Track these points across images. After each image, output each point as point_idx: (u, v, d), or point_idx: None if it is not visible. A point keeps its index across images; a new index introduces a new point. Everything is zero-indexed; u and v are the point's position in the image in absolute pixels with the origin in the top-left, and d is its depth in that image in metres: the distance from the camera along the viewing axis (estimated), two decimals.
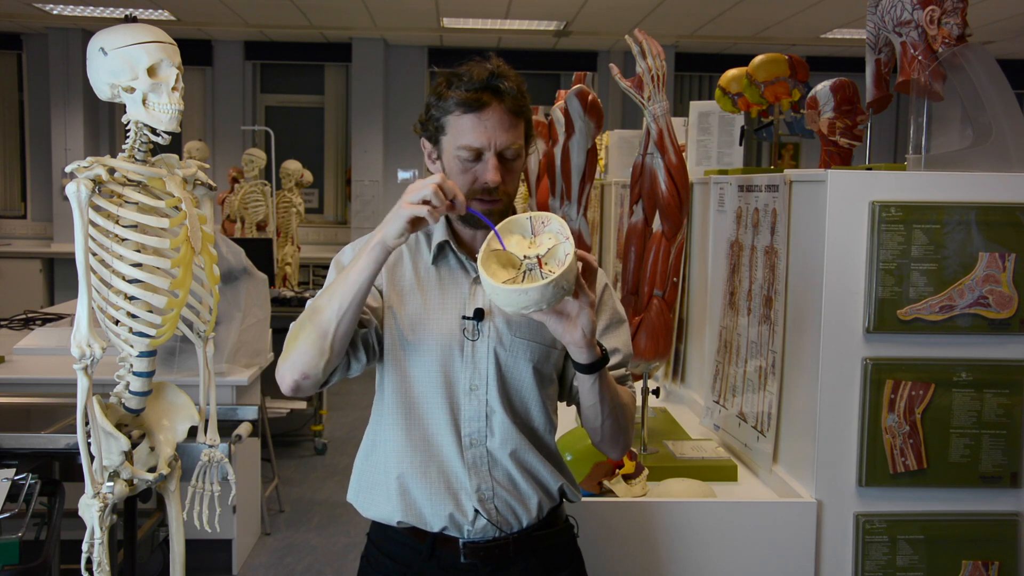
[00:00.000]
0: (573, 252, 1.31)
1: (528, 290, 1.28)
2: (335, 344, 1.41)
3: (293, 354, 1.43)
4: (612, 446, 1.57)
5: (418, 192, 1.34)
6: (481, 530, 1.52)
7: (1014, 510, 2.04)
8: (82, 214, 1.95)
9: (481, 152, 1.46)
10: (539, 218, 1.38)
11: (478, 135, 1.46)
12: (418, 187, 1.34)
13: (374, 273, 1.39)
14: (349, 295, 1.39)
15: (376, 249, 1.37)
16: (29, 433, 2.49)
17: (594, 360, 1.42)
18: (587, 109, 2.68)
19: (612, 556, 2.05)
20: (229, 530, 3.65)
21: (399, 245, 1.38)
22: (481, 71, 1.47)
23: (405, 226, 1.35)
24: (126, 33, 2.02)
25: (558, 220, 1.37)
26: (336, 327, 1.40)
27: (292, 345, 1.43)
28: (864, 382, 1.99)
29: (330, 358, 1.42)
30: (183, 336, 2.27)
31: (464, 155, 1.47)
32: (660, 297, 2.32)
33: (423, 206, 1.33)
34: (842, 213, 1.97)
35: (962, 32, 1.99)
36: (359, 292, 1.39)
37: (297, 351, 1.42)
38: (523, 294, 1.28)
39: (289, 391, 1.46)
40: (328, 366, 1.43)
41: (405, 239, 1.37)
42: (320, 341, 1.40)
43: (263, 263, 5.19)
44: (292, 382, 1.44)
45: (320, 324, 1.40)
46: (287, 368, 1.44)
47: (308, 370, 1.42)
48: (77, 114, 8.61)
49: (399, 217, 1.35)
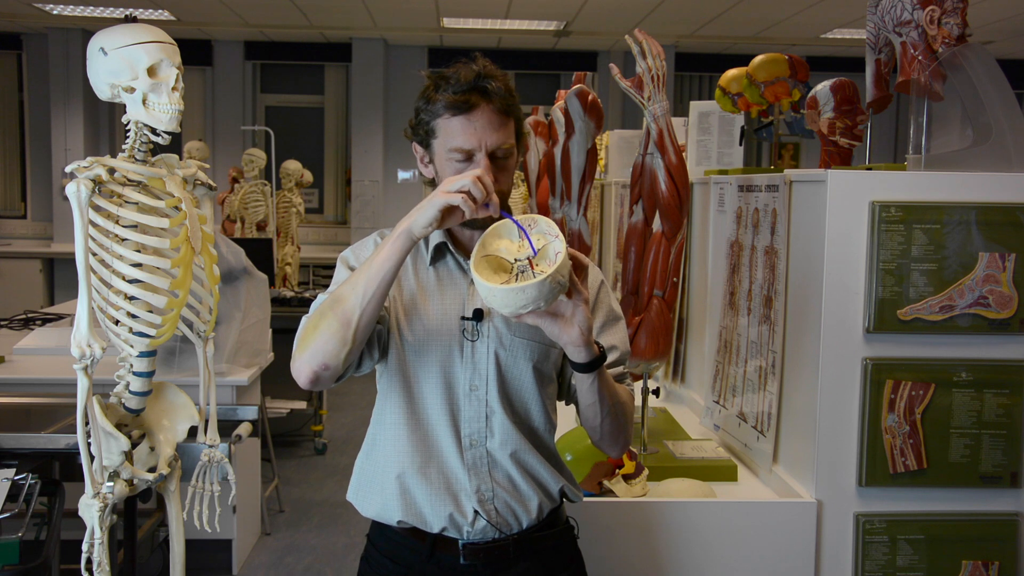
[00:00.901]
0: (564, 248, 1.31)
1: (525, 288, 1.28)
2: (358, 333, 1.39)
3: (313, 344, 1.41)
4: (612, 444, 1.57)
5: (457, 183, 1.33)
6: (481, 531, 1.52)
7: (1014, 510, 2.04)
8: (82, 214, 1.95)
9: (472, 153, 1.46)
10: (525, 220, 1.38)
11: (468, 136, 1.46)
12: (457, 178, 1.34)
13: (399, 262, 1.37)
14: (374, 283, 1.37)
15: (402, 237, 1.36)
16: (29, 433, 2.49)
17: (592, 359, 1.41)
18: (587, 109, 2.68)
19: (612, 556, 2.05)
20: (229, 530, 3.65)
21: (426, 235, 1.37)
22: (468, 72, 1.47)
23: (436, 215, 1.34)
24: (126, 33, 2.02)
25: (544, 220, 1.37)
26: (360, 315, 1.38)
27: (311, 335, 1.41)
28: (864, 382, 1.99)
29: (352, 348, 1.40)
30: (183, 336, 2.27)
31: (456, 157, 1.47)
32: (660, 297, 2.32)
33: (460, 195, 1.32)
34: (842, 213, 1.97)
35: (962, 32, 1.99)
36: (384, 280, 1.37)
37: (319, 340, 1.40)
38: (520, 292, 1.28)
39: (307, 383, 1.44)
40: (349, 356, 1.41)
41: (432, 230, 1.35)
42: (343, 330, 1.39)
43: (263, 263, 5.19)
44: (312, 372, 1.42)
45: (343, 313, 1.38)
46: (306, 359, 1.42)
47: (329, 360, 1.41)
48: (77, 114, 8.61)
49: (432, 205, 1.34)
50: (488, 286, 1.30)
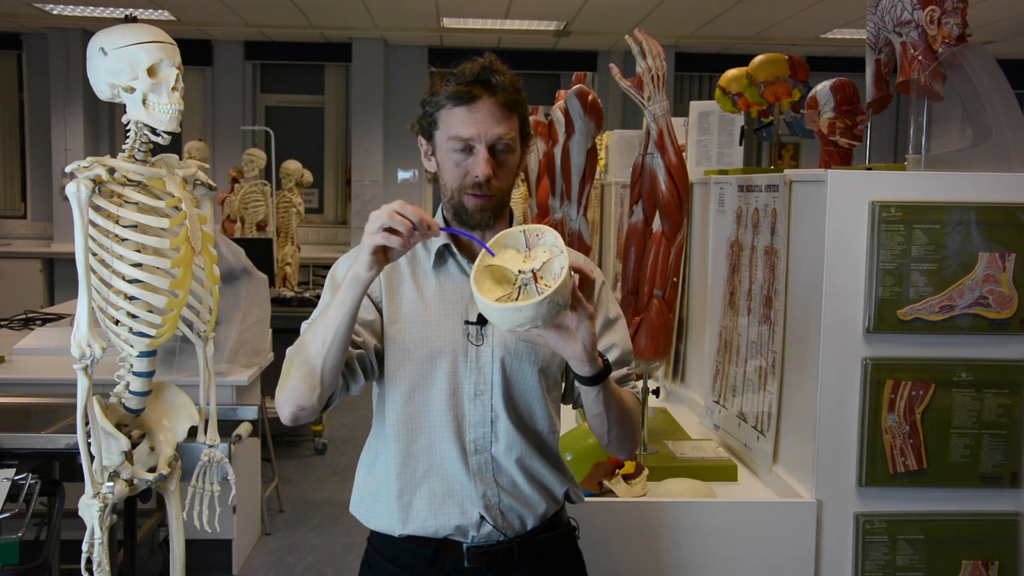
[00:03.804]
0: (567, 266, 1.27)
1: (522, 308, 1.24)
2: (324, 378, 1.40)
3: (287, 388, 1.43)
4: (620, 449, 1.57)
5: (375, 221, 1.30)
6: (485, 535, 1.52)
7: (1014, 510, 2.04)
8: (82, 214, 1.95)
9: (472, 144, 1.46)
10: (533, 231, 1.35)
11: (468, 126, 1.45)
12: (373, 218, 1.31)
13: (353, 308, 1.36)
14: (331, 332, 1.37)
15: (352, 285, 1.34)
16: (29, 433, 2.49)
17: (596, 372, 1.39)
18: (587, 109, 2.68)
19: (612, 556, 2.05)
20: (229, 530, 3.65)
21: (374, 277, 1.34)
22: (473, 66, 1.47)
23: (372, 259, 1.31)
24: (126, 33, 2.02)
25: (552, 233, 1.33)
26: (323, 363, 1.39)
27: (285, 379, 1.43)
28: (864, 382, 1.99)
29: (322, 391, 1.41)
30: (183, 336, 2.27)
31: (455, 146, 1.46)
32: (660, 297, 2.32)
33: (386, 234, 1.29)
34: (842, 213, 1.97)
35: (962, 32, 1.99)
36: (341, 328, 1.37)
37: (290, 385, 1.42)
38: (517, 312, 1.24)
39: (289, 422, 1.46)
40: (322, 397, 1.43)
41: (378, 271, 1.33)
42: (310, 377, 1.40)
43: (263, 263, 5.19)
44: (290, 414, 1.44)
45: (308, 361, 1.40)
46: (283, 401, 1.44)
47: (302, 402, 1.42)
48: (77, 114, 8.61)
49: (363, 251, 1.32)
50: (485, 302, 1.26)
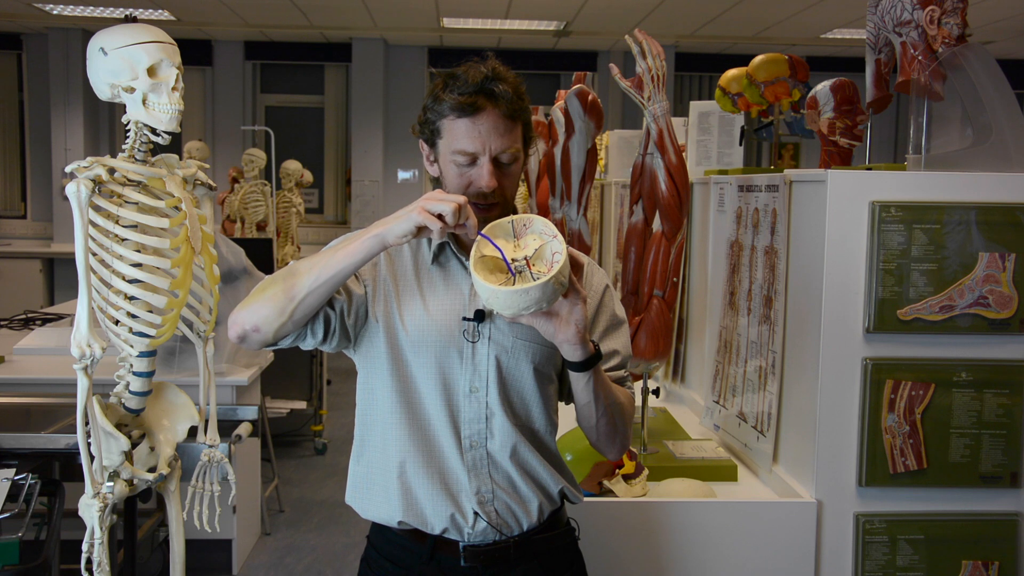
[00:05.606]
0: (564, 249, 1.31)
1: (529, 290, 1.27)
2: (295, 312, 1.40)
3: (254, 304, 1.41)
4: (608, 446, 1.56)
5: (438, 204, 1.33)
6: (481, 533, 1.52)
7: (1014, 510, 2.04)
8: (82, 214, 1.95)
9: (476, 157, 1.46)
10: (521, 220, 1.37)
11: (472, 140, 1.45)
12: (440, 198, 1.34)
13: (362, 262, 1.37)
14: (328, 273, 1.38)
15: (373, 241, 1.36)
16: (29, 433, 2.49)
17: (587, 357, 1.41)
18: (587, 109, 2.68)
19: (612, 556, 2.05)
20: (229, 530, 3.65)
21: (398, 244, 1.37)
22: (476, 74, 1.46)
23: (412, 230, 1.34)
24: (126, 33, 2.02)
25: (541, 220, 1.37)
26: (305, 296, 1.39)
27: (257, 296, 1.42)
28: (864, 382, 1.99)
29: (286, 322, 1.41)
30: (183, 336, 2.27)
31: (459, 160, 1.46)
32: (660, 297, 2.32)
33: (436, 220, 1.32)
34: (842, 213, 1.97)
35: (962, 32, 1.99)
36: (340, 274, 1.38)
37: (260, 302, 1.41)
38: (524, 295, 1.27)
39: (235, 338, 1.44)
40: (281, 330, 1.42)
41: (405, 241, 1.36)
42: (284, 303, 1.39)
43: (263, 263, 5.18)
44: (241, 329, 1.42)
45: (291, 287, 1.39)
46: (243, 315, 1.42)
47: (261, 324, 1.41)
48: (77, 114, 8.61)
49: (409, 220, 1.34)
50: (490, 287, 1.29)
